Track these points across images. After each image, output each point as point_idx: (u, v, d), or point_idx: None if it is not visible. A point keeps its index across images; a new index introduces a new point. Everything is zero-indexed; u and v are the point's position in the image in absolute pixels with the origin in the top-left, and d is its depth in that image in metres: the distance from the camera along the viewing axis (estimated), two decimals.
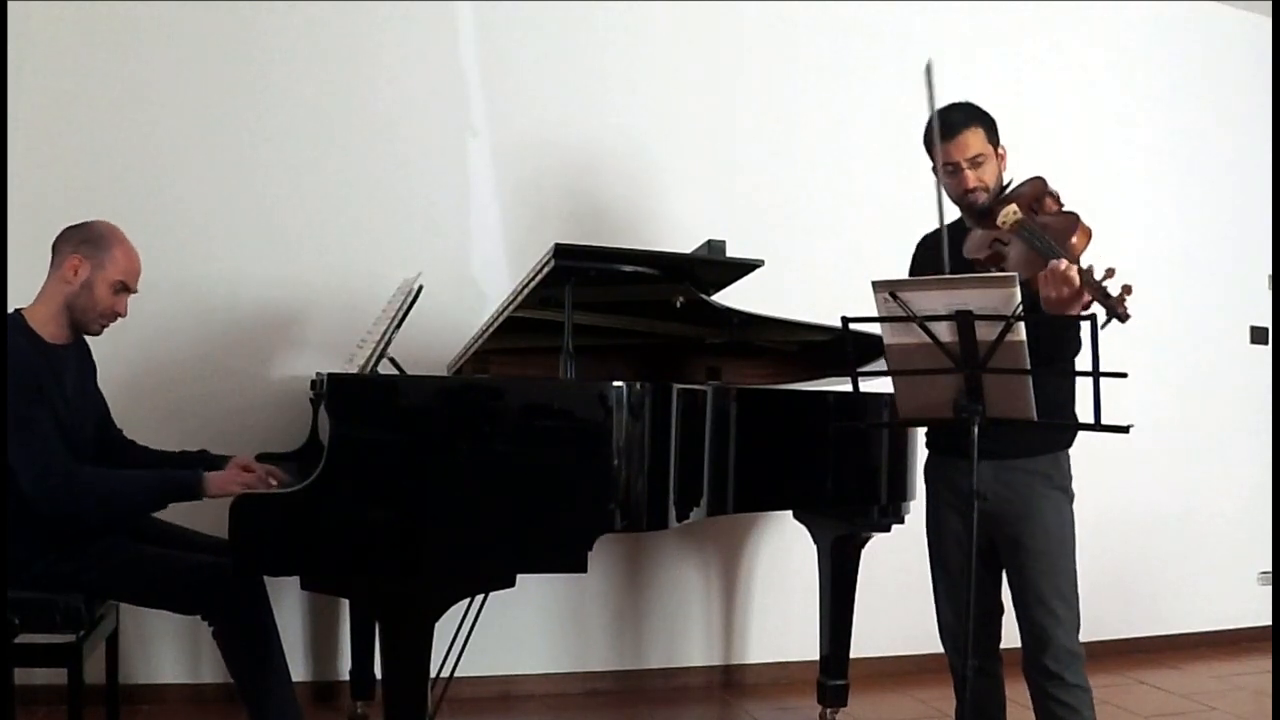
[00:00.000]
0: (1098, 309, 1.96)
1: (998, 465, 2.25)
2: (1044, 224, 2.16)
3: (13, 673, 2.24)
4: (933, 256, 2.38)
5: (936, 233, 2.51)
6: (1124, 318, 1.94)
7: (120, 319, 2.42)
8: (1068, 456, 2.36)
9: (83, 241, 2.33)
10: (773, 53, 3.85)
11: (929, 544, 2.47)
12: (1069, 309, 2.01)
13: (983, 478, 2.26)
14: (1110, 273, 1.97)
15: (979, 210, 2.30)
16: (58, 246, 2.34)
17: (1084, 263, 2.01)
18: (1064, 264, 1.99)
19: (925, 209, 2.58)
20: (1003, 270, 2.13)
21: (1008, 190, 2.31)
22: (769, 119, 3.83)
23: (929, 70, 2.22)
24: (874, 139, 3.89)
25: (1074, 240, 2.08)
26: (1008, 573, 2.34)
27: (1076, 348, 2.17)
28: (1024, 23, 4.14)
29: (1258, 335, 4.54)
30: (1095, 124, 4.21)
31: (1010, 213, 2.19)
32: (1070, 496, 2.34)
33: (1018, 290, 1.86)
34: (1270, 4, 4.37)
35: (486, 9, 3.57)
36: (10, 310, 2.35)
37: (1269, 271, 4.50)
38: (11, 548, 2.24)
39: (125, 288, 2.38)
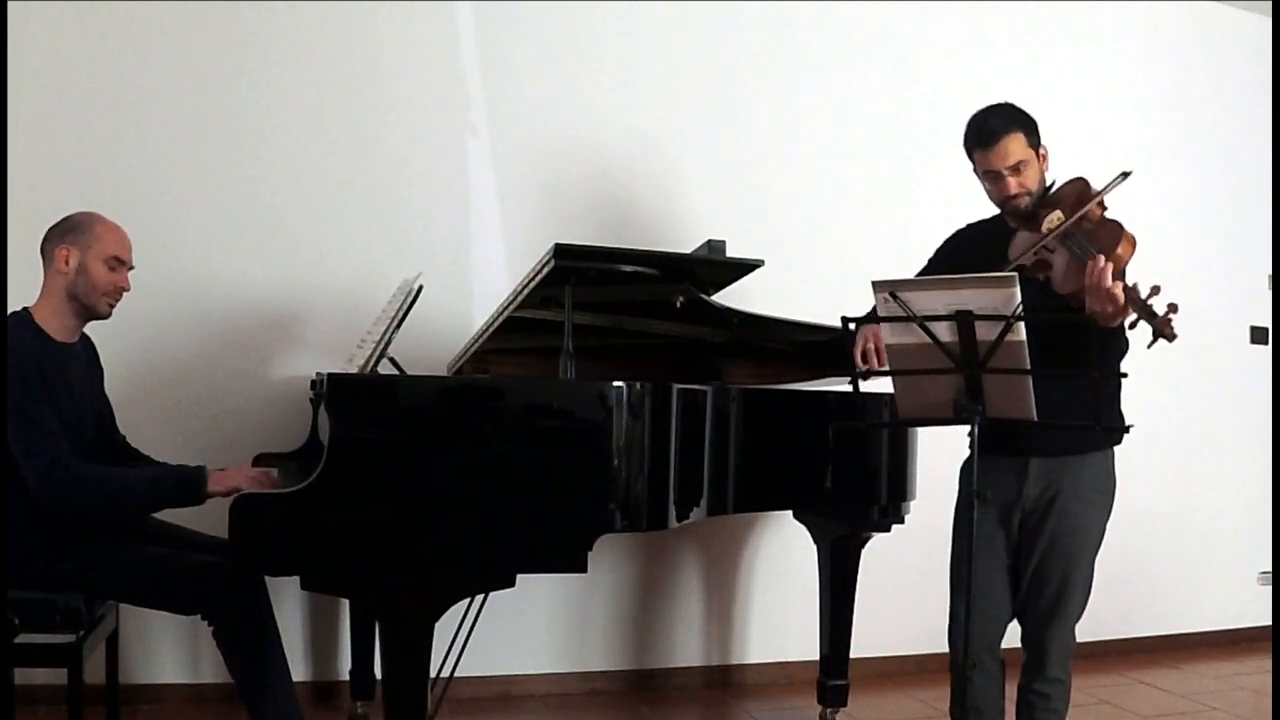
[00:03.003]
0: (1144, 327, 1.95)
1: (1049, 462, 2.26)
2: (1089, 233, 2.12)
3: (13, 673, 2.25)
4: (967, 249, 2.38)
5: (980, 225, 2.49)
6: (1171, 338, 1.93)
7: (126, 293, 2.45)
8: (1114, 457, 2.36)
9: (66, 232, 2.38)
10: (772, 52, 3.85)
11: (955, 540, 2.45)
12: (1113, 322, 2.02)
13: (1030, 474, 2.28)
14: (1156, 290, 1.96)
15: (1022, 214, 2.28)
16: (45, 248, 2.39)
17: (1130, 278, 2.00)
18: (1108, 280, 1.97)
19: (926, 209, 2.58)
20: (1049, 280, 2.13)
21: (1051, 193, 2.27)
22: (769, 119, 3.83)
23: (1124, 175, 2.16)
24: (875, 139, 3.89)
25: (1119, 251, 2.06)
26: (1025, 560, 2.33)
27: (1125, 347, 2.17)
28: (1024, 22, 4.14)
29: (1258, 335, 4.54)
30: (1095, 124, 4.20)
31: (1055, 219, 2.16)
32: (1110, 498, 2.36)
33: (1018, 290, 1.87)
34: (1270, 4, 4.37)
35: (486, 9, 3.57)
36: (19, 308, 2.39)
37: (1269, 271, 4.50)
38: (13, 547, 2.24)
39: (119, 261, 2.41)
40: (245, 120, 3.35)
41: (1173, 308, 1.93)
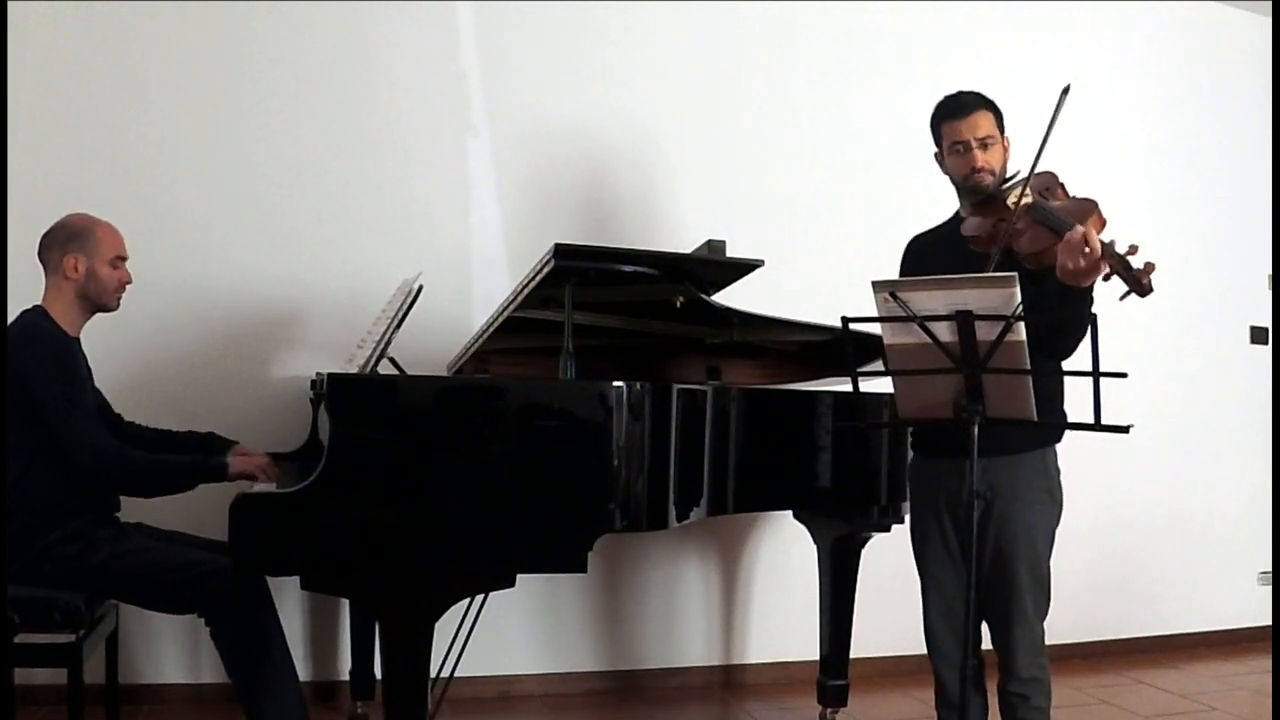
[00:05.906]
0: (1117, 283, 1.96)
1: (984, 463, 2.25)
2: (1058, 207, 2.14)
3: (13, 673, 2.25)
4: (926, 255, 2.38)
5: (926, 234, 2.51)
6: (1145, 291, 1.94)
7: (130, 286, 2.56)
8: (1055, 454, 2.34)
9: (68, 240, 2.47)
10: (773, 52, 3.85)
11: (914, 547, 2.46)
12: (1086, 279, 2.01)
13: (967, 475, 2.26)
14: (1133, 249, 1.97)
15: (983, 194, 2.29)
16: (46, 255, 2.48)
17: (1106, 237, 2.00)
18: (1081, 231, 1.97)
19: (925, 209, 2.58)
20: (1011, 244, 2.12)
21: (1012, 180, 2.29)
22: (769, 119, 3.83)
23: (1065, 92, 2.16)
24: (874, 139, 3.89)
25: (1091, 221, 2.06)
26: (980, 566, 2.33)
27: (1090, 306, 2.11)
28: (1024, 22, 4.13)
29: (1258, 335, 4.54)
30: (1095, 124, 4.20)
31: (1021, 195, 2.18)
32: (1055, 498, 2.33)
33: (1018, 290, 1.86)
34: (1270, 4, 4.37)
35: (486, 9, 3.57)
36: (28, 306, 2.46)
37: (1269, 271, 4.49)
38: (29, 513, 2.30)
39: (120, 259, 2.53)
40: (245, 120, 3.35)
41: (1150, 265, 1.95)
